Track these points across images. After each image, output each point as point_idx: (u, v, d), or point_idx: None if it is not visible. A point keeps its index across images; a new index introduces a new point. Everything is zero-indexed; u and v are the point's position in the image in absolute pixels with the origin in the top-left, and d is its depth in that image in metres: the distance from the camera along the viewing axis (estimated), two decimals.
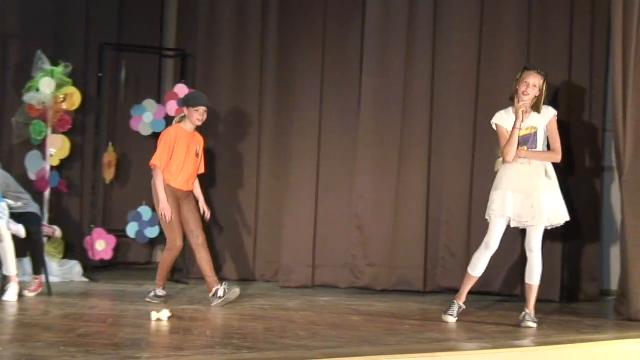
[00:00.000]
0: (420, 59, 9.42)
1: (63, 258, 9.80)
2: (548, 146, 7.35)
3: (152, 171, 8.18)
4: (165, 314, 7.07)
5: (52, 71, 9.80)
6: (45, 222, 9.38)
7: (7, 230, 8.11)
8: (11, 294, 8.03)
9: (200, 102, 8.19)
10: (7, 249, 8.08)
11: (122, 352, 5.62)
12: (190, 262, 9.92)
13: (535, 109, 7.33)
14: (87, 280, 9.72)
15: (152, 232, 10.20)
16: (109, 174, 10.45)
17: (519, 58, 8.97)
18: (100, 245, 10.11)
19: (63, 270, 9.66)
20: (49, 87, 9.72)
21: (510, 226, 7.37)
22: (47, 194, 9.92)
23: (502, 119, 7.40)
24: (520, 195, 7.25)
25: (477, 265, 7.41)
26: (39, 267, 8.53)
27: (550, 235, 7.79)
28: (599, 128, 9.03)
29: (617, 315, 7.86)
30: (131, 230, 10.20)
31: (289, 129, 9.82)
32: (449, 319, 7.40)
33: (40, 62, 9.79)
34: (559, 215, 7.33)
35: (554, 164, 7.37)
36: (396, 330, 6.90)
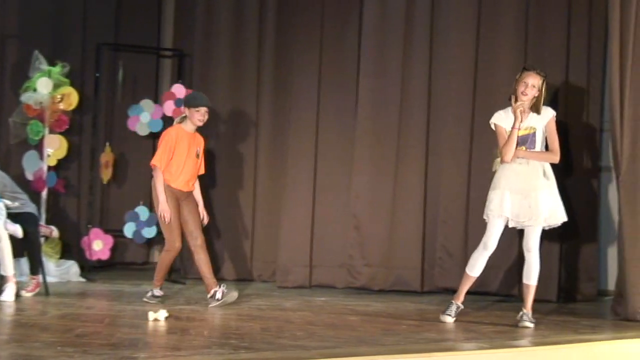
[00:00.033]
0: (417, 59, 9.42)
1: (60, 258, 9.78)
2: (546, 147, 7.37)
3: (152, 171, 8.18)
4: (162, 314, 7.07)
5: (50, 71, 9.78)
6: (43, 222, 9.36)
7: (4, 230, 8.10)
8: (8, 294, 8.02)
9: (201, 102, 8.18)
10: (4, 249, 8.06)
11: (119, 352, 5.62)
12: (187, 262, 9.92)
13: (535, 109, 7.33)
14: (85, 280, 9.70)
15: (150, 232, 10.19)
16: (106, 174, 10.44)
17: (516, 58, 8.99)
18: (98, 245, 10.10)
19: (60, 270, 9.64)
20: (46, 87, 9.71)
21: (508, 226, 7.38)
22: (44, 194, 9.90)
23: (501, 119, 7.41)
24: (518, 195, 7.26)
25: (475, 266, 7.41)
26: (36, 267, 8.52)
27: (547, 235, 7.79)
28: (596, 128, 9.03)
29: (615, 315, 7.86)
30: (128, 230, 10.19)
31: (287, 129, 9.81)
32: (447, 319, 7.39)
33: (37, 62, 9.77)
34: (557, 216, 7.34)
35: (552, 165, 7.38)
36: (393, 331, 6.90)
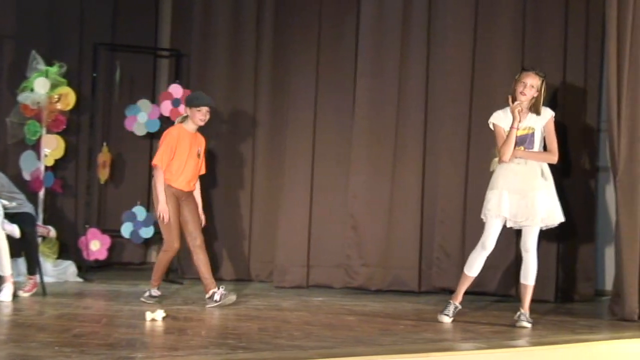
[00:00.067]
0: (414, 59, 9.42)
1: (57, 258, 9.78)
2: (544, 147, 7.37)
3: (153, 170, 8.16)
4: (159, 314, 7.07)
5: (47, 71, 9.78)
6: (40, 222, 9.35)
7: (1, 231, 8.08)
8: (6, 294, 8.02)
9: (203, 102, 8.16)
10: (2, 249, 8.05)
11: (116, 352, 5.62)
12: (185, 262, 9.91)
13: (534, 110, 7.32)
14: (82, 280, 9.70)
15: (147, 232, 10.19)
16: (103, 174, 10.43)
17: (513, 59, 9.00)
18: (95, 245, 10.10)
19: (57, 271, 9.64)
20: (43, 87, 9.70)
21: (506, 226, 7.37)
22: (41, 194, 9.89)
23: (499, 119, 7.40)
24: (516, 195, 7.25)
25: (473, 266, 7.41)
26: (34, 267, 8.52)
27: (545, 235, 7.79)
28: (593, 128, 9.04)
29: (612, 315, 7.87)
30: (126, 230, 10.18)
31: (284, 129, 9.81)
32: (445, 318, 7.39)
33: (34, 62, 9.76)
34: (554, 216, 7.34)
35: (550, 165, 7.38)
36: (391, 331, 6.90)
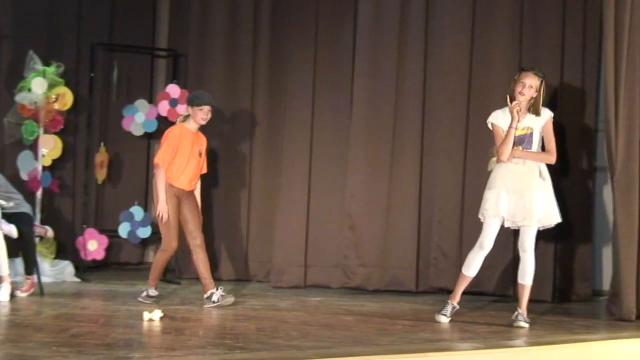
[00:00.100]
0: (412, 59, 9.42)
1: (55, 258, 9.78)
2: (543, 147, 7.37)
3: (154, 169, 8.16)
4: (157, 314, 7.06)
5: (44, 71, 9.77)
6: (37, 222, 9.35)
7: None
8: (3, 294, 8.01)
9: (205, 101, 8.15)
10: None
11: (114, 352, 5.61)
12: (182, 262, 9.92)
13: (533, 110, 7.31)
14: (79, 280, 9.70)
15: (144, 232, 10.19)
16: (101, 174, 10.43)
17: (511, 59, 9.00)
18: (92, 245, 10.09)
19: (55, 271, 9.64)
20: (40, 87, 9.70)
21: (504, 226, 7.37)
22: (39, 194, 9.89)
23: (498, 118, 7.40)
24: (514, 195, 7.25)
25: (471, 266, 7.40)
26: (31, 267, 8.51)
27: (542, 235, 7.80)
28: (591, 128, 9.04)
29: (609, 315, 7.87)
30: (123, 230, 10.18)
31: (281, 129, 9.81)
32: (442, 318, 7.39)
33: (32, 62, 9.76)
34: (551, 217, 7.33)
35: (548, 165, 7.38)
36: (388, 331, 6.90)
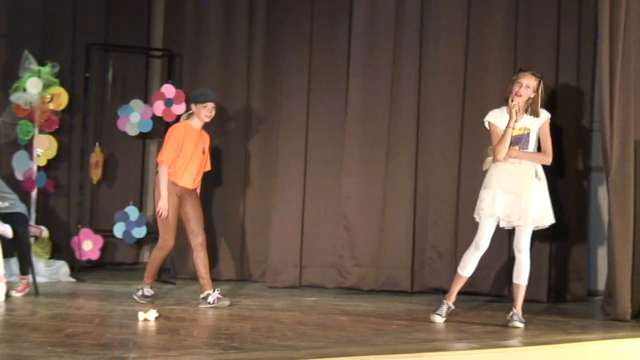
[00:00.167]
0: (407, 60, 9.42)
1: (50, 258, 9.76)
2: (539, 148, 7.37)
3: (158, 166, 8.14)
4: (152, 314, 7.05)
5: (39, 71, 9.76)
6: (32, 222, 9.34)
7: None
8: None
9: (208, 97, 8.15)
10: None
11: (109, 352, 5.61)
12: (178, 262, 9.92)
13: (531, 111, 7.30)
14: (74, 280, 9.68)
15: (139, 232, 10.19)
16: (96, 174, 10.42)
17: (506, 60, 9.01)
18: (87, 245, 10.08)
19: (50, 271, 9.62)
20: (35, 87, 9.69)
21: (500, 226, 7.37)
22: (34, 194, 9.88)
23: (495, 118, 7.39)
24: (510, 195, 7.24)
25: (467, 266, 7.39)
26: (26, 267, 8.49)
27: (537, 235, 7.78)
28: (586, 129, 9.04)
29: (604, 315, 7.88)
30: (118, 230, 10.17)
31: (276, 129, 9.81)
32: (437, 318, 7.38)
33: (27, 62, 9.75)
34: (545, 218, 7.33)
35: (543, 165, 7.38)
36: (383, 331, 6.90)
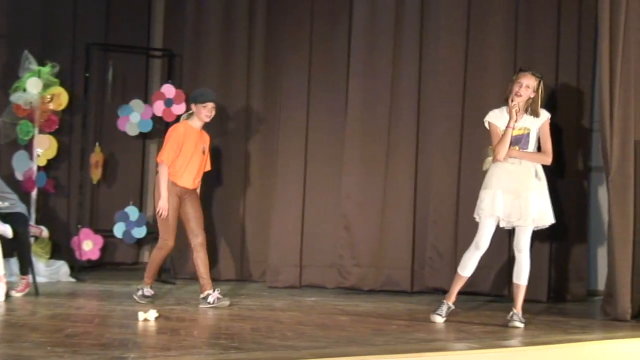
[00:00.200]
0: (407, 60, 9.42)
1: (50, 258, 9.76)
2: (539, 148, 7.36)
3: (158, 166, 8.14)
4: (152, 314, 7.05)
5: (39, 71, 9.77)
6: (32, 222, 9.34)
7: None
8: None
9: (208, 97, 8.15)
10: None
11: (109, 352, 5.60)
12: (178, 262, 9.92)
13: (532, 111, 7.30)
14: (74, 280, 9.68)
15: (139, 232, 10.19)
16: (96, 174, 10.42)
17: (505, 60, 9.01)
18: (87, 245, 10.08)
19: (50, 271, 9.62)
20: (35, 87, 9.69)
21: (500, 226, 7.37)
22: (34, 194, 9.88)
23: (495, 118, 7.39)
24: (510, 195, 7.24)
25: (467, 266, 7.39)
26: (26, 267, 8.49)
27: (537, 235, 7.78)
28: (586, 129, 9.04)
29: (604, 315, 7.87)
30: (118, 230, 10.17)
31: (276, 129, 9.81)
32: (437, 318, 7.38)
33: (27, 62, 9.75)
34: (545, 218, 7.32)
35: (543, 165, 7.37)
36: (383, 331, 6.90)
